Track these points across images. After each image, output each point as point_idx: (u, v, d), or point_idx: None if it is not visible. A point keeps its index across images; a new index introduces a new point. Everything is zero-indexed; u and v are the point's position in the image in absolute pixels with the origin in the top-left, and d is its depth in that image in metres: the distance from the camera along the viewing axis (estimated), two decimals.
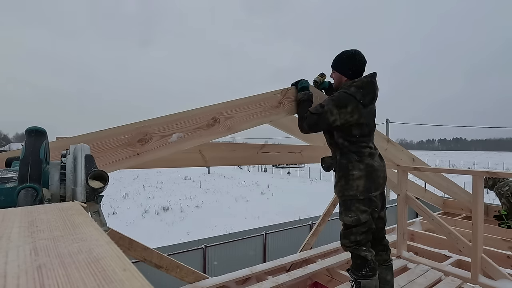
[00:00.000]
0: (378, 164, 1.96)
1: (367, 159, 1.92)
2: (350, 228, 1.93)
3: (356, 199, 1.90)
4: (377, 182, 1.93)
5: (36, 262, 0.29)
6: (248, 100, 1.80)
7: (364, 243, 1.92)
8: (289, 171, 41.59)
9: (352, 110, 1.87)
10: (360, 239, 1.91)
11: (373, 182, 1.90)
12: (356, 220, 1.89)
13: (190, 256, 6.81)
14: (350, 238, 1.93)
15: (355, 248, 1.92)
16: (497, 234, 3.61)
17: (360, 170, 1.89)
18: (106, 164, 1.32)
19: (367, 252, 1.91)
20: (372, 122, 2.00)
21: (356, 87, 1.92)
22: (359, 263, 1.92)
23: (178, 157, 2.06)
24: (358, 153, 1.93)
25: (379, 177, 1.94)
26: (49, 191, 0.72)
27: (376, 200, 1.95)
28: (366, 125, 1.95)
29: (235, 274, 2.56)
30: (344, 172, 1.94)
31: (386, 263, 2.13)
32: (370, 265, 1.89)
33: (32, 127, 0.74)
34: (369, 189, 1.89)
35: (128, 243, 2.11)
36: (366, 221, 1.89)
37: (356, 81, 1.95)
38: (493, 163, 51.79)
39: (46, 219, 0.45)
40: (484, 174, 2.69)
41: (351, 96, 1.88)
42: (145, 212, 17.79)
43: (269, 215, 16.57)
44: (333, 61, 2.09)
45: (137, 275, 0.26)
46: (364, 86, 1.93)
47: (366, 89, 1.92)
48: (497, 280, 2.46)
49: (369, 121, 1.96)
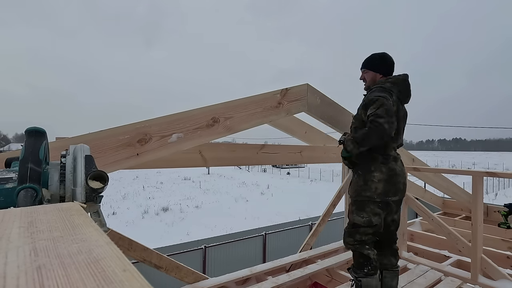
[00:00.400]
0: (400, 170, 1.93)
1: (391, 162, 1.90)
2: (358, 228, 1.91)
3: (372, 201, 1.87)
4: (397, 187, 1.90)
5: (36, 263, 0.29)
6: (248, 101, 1.80)
7: (368, 242, 1.91)
8: (289, 172, 41.60)
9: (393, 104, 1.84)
10: (365, 239, 1.90)
11: (393, 186, 1.88)
12: (368, 222, 1.87)
13: (190, 257, 6.81)
14: (355, 236, 1.92)
15: (358, 247, 1.91)
16: (496, 234, 3.62)
17: (382, 173, 1.86)
18: (106, 165, 1.32)
19: (370, 251, 1.90)
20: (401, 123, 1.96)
21: (391, 83, 1.94)
22: (362, 261, 1.90)
23: (178, 157, 2.06)
24: (384, 156, 1.90)
25: (399, 182, 1.91)
26: (48, 192, 0.72)
27: (392, 205, 1.93)
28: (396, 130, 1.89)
29: (235, 275, 2.56)
30: (364, 172, 1.91)
31: (393, 268, 2.09)
32: (372, 264, 1.88)
33: (32, 127, 0.74)
34: (387, 192, 1.86)
35: (127, 243, 2.11)
36: (377, 224, 1.88)
37: (391, 78, 1.97)
38: (493, 164, 51.85)
39: (46, 220, 0.45)
40: (483, 175, 2.69)
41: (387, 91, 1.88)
42: (144, 212, 17.78)
43: (269, 216, 16.57)
44: (364, 62, 2.11)
45: (137, 276, 0.26)
46: (399, 83, 1.95)
47: (402, 86, 1.95)
48: (497, 280, 2.46)
49: (400, 125, 1.94)
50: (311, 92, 2.22)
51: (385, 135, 1.73)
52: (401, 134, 1.99)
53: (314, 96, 2.23)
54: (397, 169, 1.91)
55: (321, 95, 2.26)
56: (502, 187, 27.17)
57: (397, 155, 1.99)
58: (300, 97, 2.15)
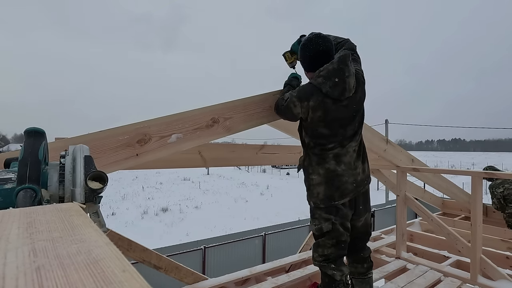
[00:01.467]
0: (344, 169, 1.66)
1: (330, 162, 1.65)
2: (317, 240, 1.72)
3: (317, 207, 1.71)
4: (343, 188, 1.65)
5: (35, 264, 0.29)
6: (247, 101, 1.80)
7: (333, 258, 1.67)
8: (288, 172, 41.59)
9: (315, 106, 1.57)
10: (328, 253, 1.67)
11: (337, 189, 1.64)
12: (319, 229, 1.68)
13: (189, 257, 6.80)
14: (318, 251, 1.71)
15: (323, 265, 1.69)
16: (496, 234, 3.62)
17: (319, 175, 1.67)
18: (105, 165, 1.31)
19: (336, 271, 1.65)
20: (347, 119, 1.64)
21: (323, 77, 1.56)
22: (327, 281, 1.69)
23: (177, 157, 2.06)
24: (319, 155, 1.68)
25: (345, 182, 1.65)
26: (48, 192, 0.72)
27: (343, 209, 1.68)
28: (337, 124, 1.63)
29: (234, 275, 2.56)
30: (305, 176, 1.76)
31: (362, 276, 1.87)
32: (339, 286, 1.65)
33: (31, 127, 0.74)
34: (331, 197, 1.65)
35: (127, 244, 2.11)
36: (329, 231, 1.65)
37: (322, 70, 1.58)
38: (492, 164, 51.87)
39: (45, 220, 0.44)
40: (482, 175, 2.69)
41: (316, 88, 1.58)
42: (144, 213, 17.76)
43: (268, 216, 16.56)
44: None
45: (136, 276, 0.26)
46: (330, 75, 1.55)
47: (333, 79, 1.54)
48: (496, 280, 2.46)
49: (343, 117, 1.63)
50: None
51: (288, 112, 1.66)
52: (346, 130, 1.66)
53: None
54: (339, 169, 1.64)
55: None
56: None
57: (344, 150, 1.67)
58: None
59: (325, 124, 1.63)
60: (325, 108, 1.58)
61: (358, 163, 1.73)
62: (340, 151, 1.67)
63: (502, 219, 3.96)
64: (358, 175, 1.72)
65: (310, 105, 1.58)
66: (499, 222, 4.02)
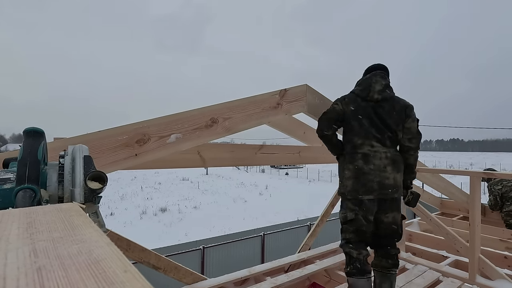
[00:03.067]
0: (371, 168, 1.88)
1: (358, 161, 1.91)
2: (342, 226, 2.00)
3: (346, 197, 1.97)
4: (368, 185, 1.87)
5: (36, 264, 0.29)
6: (247, 101, 1.80)
7: (353, 241, 1.93)
8: (287, 172, 41.62)
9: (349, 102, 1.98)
10: (349, 237, 1.94)
11: (363, 185, 1.88)
12: (344, 217, 1.96)
13: (188, 257, 6.79)
14: (342, 235, 2.01)
15: (344, 244, 1.98)
16: (494, 234, 3.63)
17: (350, 171, 1.93)
18: (105, 165, 1.31)
19: (353, 250, 1.91)
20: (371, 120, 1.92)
21: (357, 84, 2.08)
22: (347, 259, 1.97)
23: (176, 158, 2.06)
24: (350, 154, 1.96)
25: (371, 181, 1.87)
26: (47, 192, 0.72)
27: (367, 204, 1.89)
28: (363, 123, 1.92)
29: (233, 275, 2.56)
30: (339, 171, 2.05)
31: (384, 270, 2.03)
32: (355, 264, 1.89)
33: (30, 127, 0.74)
34: (357, 190, 1.89)
35: (126, 244, 2.10)
36: (352, 219, 1.91)
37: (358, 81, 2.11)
38: (490, 164, 52.04)
39: (45, 221, 0.44)
40: (481, 175, 2.70)
41: (351, 92, 2.06)
42: (143, 213, 17.73)
43: (267, 216, 16.57)
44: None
45: (138, 277, 0.26)
46: (361, 82, 2.05)
47: (363, 84, 2.01)
48: (495, 280, 2.47)
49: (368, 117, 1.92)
50: (310, 92, 2.22)
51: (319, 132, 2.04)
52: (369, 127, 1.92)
53: (313, 96, 2.23)
54: (365, 168, 1.88)
55: (320, 95, 2.26)
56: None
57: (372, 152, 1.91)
58: (299, 97, 2.15)
59: (355, 118, 1.94)
60: (357, 104, 1.96)
61: (390, 169, 1.92)
62: (369, 152, 1.91)
63: (500, 219, 3.97)
64: (386, 179, 1.90)
65: (345, 101, 1.99)
66: (497, 222, 4.03)
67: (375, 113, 1.93)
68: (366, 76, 2.05)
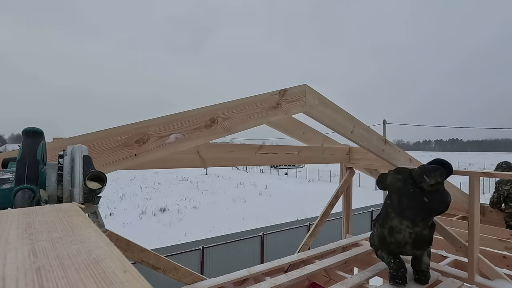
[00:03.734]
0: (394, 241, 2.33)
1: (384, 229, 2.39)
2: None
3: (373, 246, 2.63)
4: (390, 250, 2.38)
5: (35, 264, 0.29)
6: (246, 101, 1.80)
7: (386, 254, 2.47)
8: (286, 172, 41.63)
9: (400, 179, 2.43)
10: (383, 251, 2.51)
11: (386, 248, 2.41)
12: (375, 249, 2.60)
13: (188, 257, 6.79)
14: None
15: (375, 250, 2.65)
16: (493, 234, 3.64)
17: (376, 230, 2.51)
18: (104, 165, 1.31)
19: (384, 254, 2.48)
20: (412, 202, 2.29)
21: (419, 167, 2.53)
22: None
23: (176, 158, 2.05)
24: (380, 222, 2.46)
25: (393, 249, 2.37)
26: (46, 192, 0.72)
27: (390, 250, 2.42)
28: (403, 201, 2.33)
29: (233, 275, 2.56)
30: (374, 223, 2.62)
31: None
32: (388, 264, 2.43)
33: (29, 127, 0.74)
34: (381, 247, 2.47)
35: (125, 244, 2.10)
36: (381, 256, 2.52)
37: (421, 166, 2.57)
38: (489, 164, 52.17)
39: (44, 221, 0.44)
40: (480, 175, 2.70)
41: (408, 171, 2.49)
42: (142, 213, 17.71)
43: (267, 216, 16.57)
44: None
45: (137, 277, 0.26)
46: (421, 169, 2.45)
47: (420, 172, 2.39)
48: (493, 280, 2.47)
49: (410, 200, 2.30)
50: (309, 92, 2.22)
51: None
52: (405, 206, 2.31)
53: (312, 96, 2.23)
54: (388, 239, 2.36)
55: (319, 95, 2.26)
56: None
57: (397, 227, 2.31)
58: (299, 97, 2.15)
59: (396, 193, 2.38)
60: (405, 184, 2.38)
61: (410, 247, 2.31)
62: (396, 225, 2.31)
63: (500, 219, 3.98)
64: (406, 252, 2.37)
65: (397, 177, 2.46)
66: (496, 221, 4.04)
67: (417, 197, 2.29)
68: (427, 165, 2.50)
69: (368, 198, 16.66)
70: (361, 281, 2.52)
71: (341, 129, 2.44)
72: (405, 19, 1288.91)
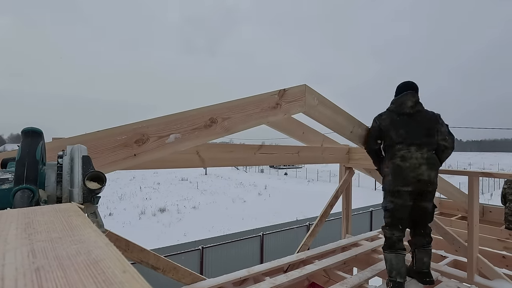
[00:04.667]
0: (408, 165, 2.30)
1: (397, 160, 2.34)
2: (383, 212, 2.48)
3: (385, 190, 2.44)
4: (406, 179, 2.30)
5: (34, 265, 0.29)
6: (246, 101, 1.80)
7: (389, 224, 2.40)
8: (286, 172, 41.64)
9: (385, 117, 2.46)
10: (386, 221, 2.43)
11: (402, 179, 2.30)
12: (384, 207, 2.45)
13: (187, 257, 6.79)
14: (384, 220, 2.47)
15: (383, 227, 2.47)
16: (492, 234, 3.64)
17: (389, 168, 2.38)
18: (103, 165, 1.31)
19: (387, 231, 2.41)
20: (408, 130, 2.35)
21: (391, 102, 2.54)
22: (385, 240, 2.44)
23: (175, 158, 2.05)
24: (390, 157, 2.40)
25: (408, 175, 2.30)
26: (45, 193, 0.72)
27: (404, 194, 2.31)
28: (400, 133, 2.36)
29: (233, 275, 2.55)
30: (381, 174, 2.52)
31: (422, 247, 2.44)
32: (389, 242, 2.38)
33: (29, 127, 0.74)
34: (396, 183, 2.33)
35: (124, 244, 2.10)
36: (389, 209, 2.39)
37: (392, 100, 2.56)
38: (488, 164, 52.26)
39: (44, 221, 0.44)
40: (479, 175, 2.71)
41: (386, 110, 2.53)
42: (141, 213, 17.70)
43: (266, 216, 16.57)
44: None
45: (137, 277, 0.26)
46: (395, 101, 2.50)
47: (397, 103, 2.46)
48: (493, 280, 2.48)
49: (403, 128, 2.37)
50: (309, 93, 2.22)
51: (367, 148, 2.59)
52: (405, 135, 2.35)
53: (312, 96, 2.23)
54: (403, 165, 2.32)
55: (318, 96, 2.26)
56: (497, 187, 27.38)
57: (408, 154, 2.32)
58: (298, 98, 2.15)
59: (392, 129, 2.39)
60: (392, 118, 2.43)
61: (424, 168, 2.30)
62: (405, 154, 2.32)
63: (499, 219, 3.98)
64: (421, 175, 2.29)
65: (382, 118, 2.48)
66: (495, 221, 4.05)
67: (409, 123, 2.36)
68: (398, 96, 2.47)
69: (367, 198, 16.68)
70: (360, 281, 2.52)
71: (341, 129, 2.44)
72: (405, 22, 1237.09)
